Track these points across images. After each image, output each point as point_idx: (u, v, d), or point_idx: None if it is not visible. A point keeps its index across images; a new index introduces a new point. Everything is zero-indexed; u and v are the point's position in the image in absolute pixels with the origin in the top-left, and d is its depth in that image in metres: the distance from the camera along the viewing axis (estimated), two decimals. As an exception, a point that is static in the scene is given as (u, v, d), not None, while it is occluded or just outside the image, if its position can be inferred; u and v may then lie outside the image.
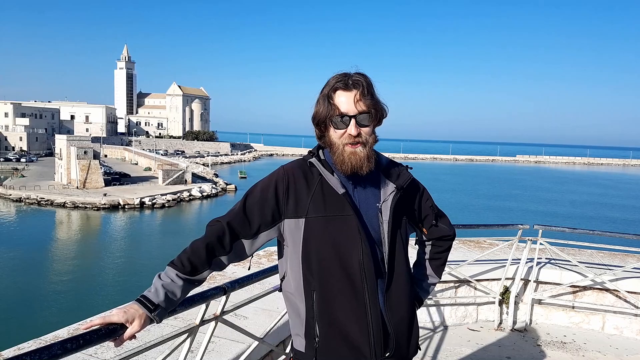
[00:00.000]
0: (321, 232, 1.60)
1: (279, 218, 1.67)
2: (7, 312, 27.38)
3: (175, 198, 67.13)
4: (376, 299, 1.61)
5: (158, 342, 1.97)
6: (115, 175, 75.69)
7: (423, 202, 1.86)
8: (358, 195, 1.68)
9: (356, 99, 1.60)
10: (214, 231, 1.67)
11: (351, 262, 1.59)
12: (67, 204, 60.97)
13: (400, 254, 1.70)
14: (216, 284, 2.20)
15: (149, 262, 38.43)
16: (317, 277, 1.61)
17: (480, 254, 5.00)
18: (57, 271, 36.16)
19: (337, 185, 1.63)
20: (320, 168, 1.66)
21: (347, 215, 1.60)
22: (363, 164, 1.62)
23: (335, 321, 1.61)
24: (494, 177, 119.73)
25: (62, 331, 3.32)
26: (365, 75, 1.66)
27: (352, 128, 1.61)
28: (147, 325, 1.58)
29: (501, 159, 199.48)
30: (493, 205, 70.11)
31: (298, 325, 1.69)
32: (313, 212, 1.62)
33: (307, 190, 1.64)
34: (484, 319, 4.97)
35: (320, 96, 1.67)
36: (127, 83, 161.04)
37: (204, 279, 1.70)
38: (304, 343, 1.67)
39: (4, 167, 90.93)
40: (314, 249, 1.61)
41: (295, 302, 1.69)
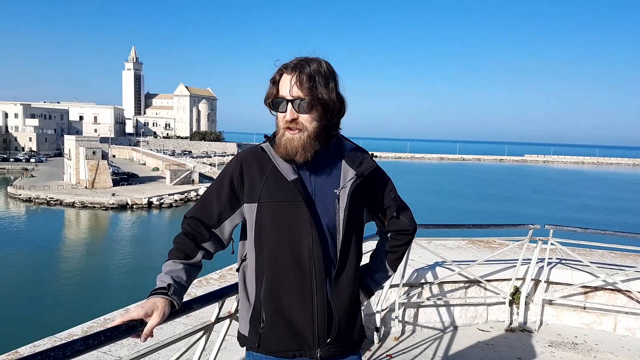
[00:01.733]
0: (272, 217, 1.59)
1: (236, 204, 1.67)
2: (20, 310, 27.65)
3: (183, 198, 67.44)
4: (324, 286, 1.59)
5: (173, 339, 1.98)
6: (124, 176, 76.16)
7: (386, 193, 1.80)
8: (314, 181, 1.64)
9: (297, 83, 1.54)
10: (185, 226, 1.72)
11: (301, 249, 1.57)
12: (75, 203, 61.44)
13: (354, 243, 1.67)
14: (230, 283, 2.22)
15: (157, 262, 38.36)
16: (267, 263, 1.61)
17: (491, 254, 4.99)
18: (66, 270, 36.45)
19: (287, 171, 1.60)
20: (270, 153, 1.64)
21: (298, 202, 1.57)
22: (297, 152, 1.56)
23: (282, 308, 1.60)
24: (502, 176, 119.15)
25: (77, 329, 3.36)
26: (318, 62, 1.59)
27: (288, 112, 1.56)
28: (167, 314, 1.59)
29: (509, 158, 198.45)
30: (502, 205, 69.73)
31: (245, 309, 1.70)
32: (265, 197, 1.60)
33: (260, 175, 1.63)
34: (494, 320, 4.96)
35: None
36: (135, 84, 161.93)
37: (200, 262, 1.71)
38: (248, 327, 1.68)
39: (13, 167, 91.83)
40: (265, 234, 1.60)
41: (246, 284, 1.70)
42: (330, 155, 1.68)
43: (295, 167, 1.61)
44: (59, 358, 1.29)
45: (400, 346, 4.23)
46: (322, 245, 1.58)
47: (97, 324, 3.44)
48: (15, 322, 25.47)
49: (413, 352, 4.16)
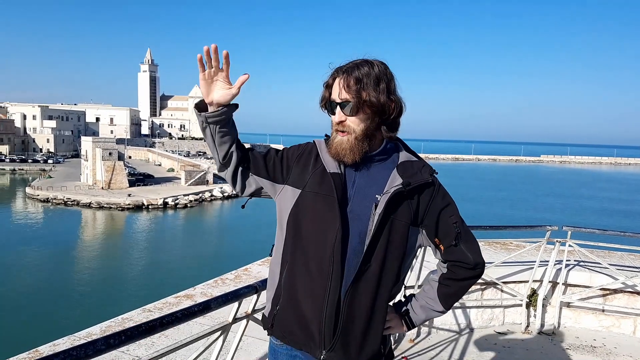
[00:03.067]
0: (307, 207, 1.60)
1: (281, 180, 1.68)
2: (39, 309, 28.09)
3: (197, 198, 67.96)
4: (338, 286, 1.56)
5: (191, 340, 2.00)
6: (140, 176, 76.98)
7: (444, 215, 1.64)
8: (358, 182, 1.62)
9: (344, 86, 1.56)
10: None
11: (325, 245, 1.56)
12: (92, 204, 62.26)
13: (386, 255, 1.57)
14: (247, 284, 2.23)
15: (173, 262, 39.01)
16: (291, 249, 1.62)
17: (507, 256, 4.94)
18: (84, 270, 36.94)
19: (330, 164, 1.62)
20: (318, 147, 1.68)
21: (330, 196, 1.57)
22: (345, 154, 1.58)
23: (295, 297, 1.61)
24: (518, 177, 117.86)
25: (95, 328, 3.41)
26: (370, 64, 1.58)
27: (336, 115, 1.59)
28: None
29: (525, 159, 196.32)
30: (519, 206, 68.99)
31: (270, 292, 1.72)
32: (310, 186, 1.62)
33: (313, 165, 1.65)
34: (511, 322, 4.91)
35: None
36: (151, 86, 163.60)
37: (230, 148, 1.69)
38: (269, 308, 1.71)
39: (32, 168, 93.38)
40: (298, 222, 1.61)
41: (274, 267, 1.71)
42: (383, 160, 1.66)
43: (340, 165, 1.62)
44: (81, 357, 1.31)
45: (415, 348, 4.21)
46: (347, 246, 1.56)
47: (115, 323, 3.48)
48: (35, 321, 25.92)
49: (429, 354, 4.13)
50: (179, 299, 4.01)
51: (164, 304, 3.87)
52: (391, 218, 1.57)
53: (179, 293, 4.15)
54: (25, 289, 31.54)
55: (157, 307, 3.80)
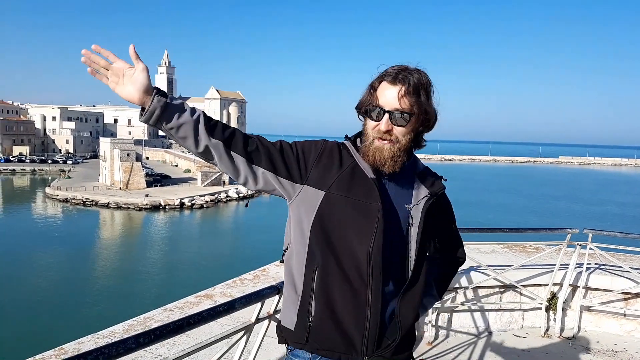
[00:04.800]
0: (338, 210, 1.52)
1: (299, 180, 1.57)
2: (61, 307, 28.56)
3: (213, 199, 68.51)
4: (379, 296, 1.52)
5: (215, 339, 2.03)
6: (157, 177, 77.87)
7: (447, 222, 1.80)
8: (389, 190, 1.60)
9: (399, 95, 1.49)
10: (241, 132, 1.59)
11: (360, 252, 1.50)
12: (110, 204, 63.16)
13: (425, 262, 1.63)
14: (266, 284, 2.26)
15: (190, 261, 39.37)
16: (323, 254, 1.53)
17: (527, 259, 4.90)
18: (102, 269, 37.49)
19: (368, 170, 1.56)
20: (352, 151, 1.61)
21: (371, 203, 1.52)
22: (386, 162, 1.52)
23: (333, 305, 1.53)
24: (537, 179, 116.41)
25: (118, 327, 3.47)
26: (421, 73, 1.54)
27: (383, 123, 1.51)
28: (137, 87, 1.46)
29: (543, 160, 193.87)
30: (536, 209, 68.13)
31: (293, 300, 1.61)
32: (336, 188, 1.54)
33: (339, 167, 1.57)
34: (530, 325, 4.86)
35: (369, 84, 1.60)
36: (168, 87, 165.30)
37: (205, 141, 1.51)
38: (294, 321, 1.60)
39: (51, 169, 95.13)
40: (327, 224, 1.52)
41: (294, 275, 1.61)
42: (406, 169, 1.62)
43: (373, 171, 1.57)
44: (113, 355, 1.35)
45: (433, 351, 4.20)
46: (384, 254, 1.52)
47: (137, 322, 3.54)
48: (57, 319, 26.36)
49: (447, 357, 4.12)
50: (199, 299, 4.06)
51: (185, 304, 3.92)
52: (428, 226, 1.61)
53: (198, 293, 4.20)
54: (46, 288, 32.11)
55: (178, 306, 3.86)
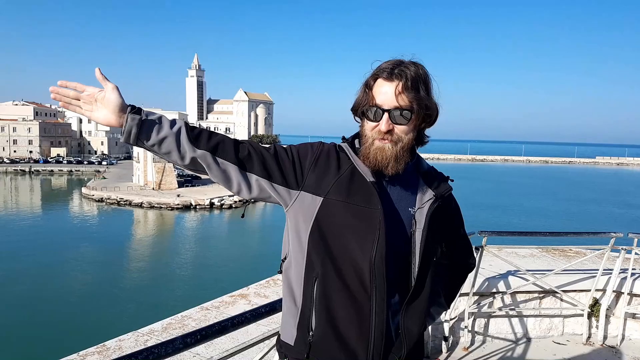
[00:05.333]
0: (337, 217, 1.43)
1: (295, 186, 1.48)
2: (98, 304, 29.32)
3: (242, 199, 69.20)
4: (383, 308, 1.42)
5: (255, 341, 2.03)
6: (188, 177, 79.28)
7: (456, 224, 1.68)
8: (391, 193, 1.50)
9: (396, 92, 1.39)
10: (231, 138, 1.52)
11: (362, 260, 1.41)
12: (143, 204, 64.62)
13: (431, 269, 1.51)
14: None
15: (222, 261, 39.90)
16: (322, 264, 1.43)
17: (567, 264, 4.75)
18: (137, 267, 38.34)
19: (367, 173, 1.46)
20: (350, 153, 1.51)
21: (372, 209, 1.42)
22: (389, 163, 1.43)
23: (334, 317, 1.44)
24: (573, 180, 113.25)
25: (156, 325, 3.54)
26: (418, 66, 1.43)
27: (383, 123, 1.41)
28: (109, 111, 1.41)
29: (579, 160, 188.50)
30: (574, 211, 66.23)
31: (292, 314, 1.52)
32: (334, 194, 1.44)
33: (336, 171, 1.48)
34: (571, 332, 4.71)
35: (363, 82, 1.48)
36: (198, 90, 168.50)
37: (190, 153, 1.44)
38: (294, 335, 1.51)
39: (87, 170, 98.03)
40: (325, 233, 1.43)
41: (293, 287, 1.52)
42: (409, 170, 1.53)
43: (373, 173, 1.47)
44: (162, 355, 1.37)
45: (469, 357, 4.12)
46: (387, 262, 1.42)
47: (175, 320, 3.60)
48: (97, 316, 27.07)
49: (484, 363, 4.03)
50: (234, 298, 4.10)
51: (220, 303, 3.97)
52: (433, 231, 1.50)
53: (233, 292, 4.24)
54: (85, 284, 33.03)
55: (214, 305, 3.91)
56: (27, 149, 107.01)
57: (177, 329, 3.44)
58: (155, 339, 3.29)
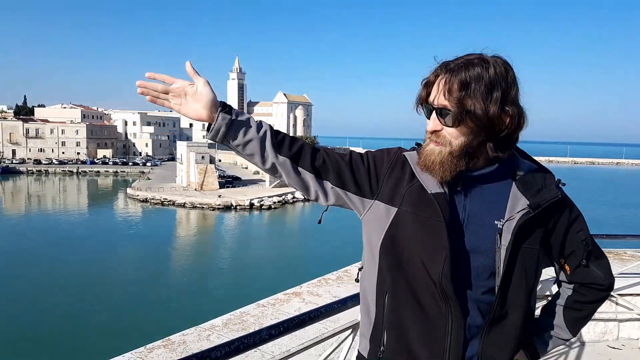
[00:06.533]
0: (408, 230, 1.34)
1: (369, 195, 1.42)
2: (153, 300, 30.30)
3: (281, 200, 70.07)
4: (460, 331, 1.30)
5: (322, 338, 2.13)
6: (229, 178, 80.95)
7: (572, 232, 1.41)
8: (470, 206, 1.34)
9: (446, 89, 1.27)
10: (309, 145, 1.49)
11: (432, 276, 1.30)
12: (186, 204, 66.40)
13: (518, 291, 1.33)
14: (349, 284, 2.33)
15: (262, 259, 40.50)
16: (392, 276, 1.36)
17: (623, 267, 4.65)
18: (184, 265, 39.42)
19: (431, 183, 1.35)
20: (412, 163, 1.40)
21: (437, 221, 1.30)
22: (434, 168, 1.31)
23: (406, 337, 1.35)
24: (622, 182, 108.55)
25: (217, 320, 3.70)
26: (486, 63, 1.27)
27: (430, 122, 1.32)
28: (201, 106, 1.39)
29: (627, 162, 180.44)
30: (623, 214, 63.51)
31: (366, 325, 1.47)
32: (406, 205, 1.35)
33: (408, 181, 1.39)
34: (626, 337, 4.60)
35: None
36: (239, 93, 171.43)
37: (272, 158, 1.41)
38: (368, 348, 1.45)
39: (132, 171, 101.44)
40: (397, 245, 1.35)
41: (367, 298, 1.45)
42: (496, 176, 1.36)
43: (443, 183, 1.35)
44: (251, 344, 1.49)
45: None
46: (466, 281, 1.31)
47: (234, 316, 3.76)
48: (161, 311, 27.99)
49: (537, 365, 4.00)
50: (288, 296, 4.23)
51: (275, 300, 4.11)
52: (521, 247, 1.32)
53: (287, 290, 4.38)
54: (131, 283, 34.18)
55: (270, 302, 4.05)
56: (74, 151, 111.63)
57: (237, 324, 3.60)
58: (217, 334, 3.46)
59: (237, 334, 3.40)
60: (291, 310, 3.84)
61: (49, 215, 59.40)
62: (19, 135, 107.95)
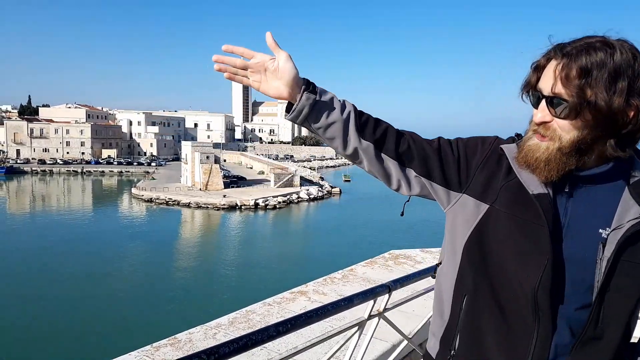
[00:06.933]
0: (500, 230, 1.22)
1: (457, 187, 1.30)
2: (158, 299, 30.38)
3: (285, 200, 70.06)
4: (546, 348, 1.18)
5: (328, 336, 2.13)
6: (233, 179, 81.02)
7: None
8: (572, 209, 1.19)
9: (558, 77, 1.11)
10: (394, 128, 1.37)
11: (523, 285, 1.17)
12: (191, 204, 66.48)
13: (617, 310, 1.17)
14: (355, 283, 2.33)
15: (267, 259, 40.56)
16: (474, 279, 1.25)
17: None
18: (190, 265, 39.42)
19: (532, 182, 1.20)
20: (510, 157, 1.26)
21: (538, 225, 1.16)
22: (538, 166, 1.17)
23: (481, 345, 1.25)
24: None
25: (223, 319, 3.71)
26: (612, 48, 1.10)
27: (538, 112, 1.17)
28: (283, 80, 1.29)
29: None
30: None
31: (438, 325, 1.38)
32: (500, 202, 1.22)
33: (504, 176, 1.25)
34: None
35: None
36: (243, 93, 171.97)
37: (354, 142, 1.32)
38: (437, 348, 1.37)
39: (136, 171, 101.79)
40: (484, 245, 1.24)
41: (443, 297, 1.36)
42: (607, 177, 1.20)
43: (545, 182, 1.20)
44: (258, 341, 1.48)
45: None
46: (557, 294, 1.17)
47: (240, 314, 3.76)
48: (167, 310, 28.09)
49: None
50: (294, 295, 4.23)
51: (282, 299, 4.11)
52: (626, 261, 1.16)
53: (293, 289, 4.38)
54: (135, 283, 34.28)
55: (276, 301, 4.05)
56: (79, 151, 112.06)
57: (243, 323, 3.60)
58: (223, 332, 3.46)
59: (243, 333, 3.40)
60: (297, 308, 3.85)
61: (53, 215, 59.70)
62: (23, 135, 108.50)
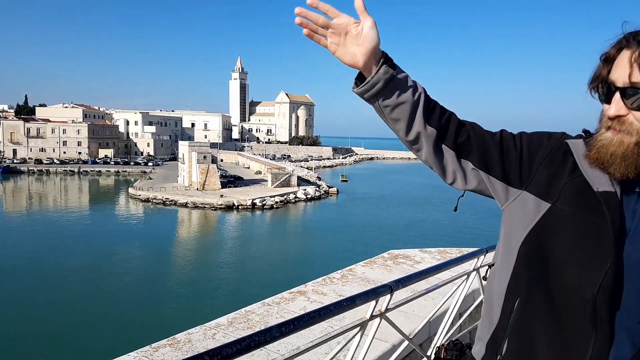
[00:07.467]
0: (561, 231, 1.14)
1: (517, 183, 1.23)
2: (155, 300, 30.34)
3: (283, 200, 70.04)
4: (605, 354, 1.10)
5: (331, 336, 2.11)
6: (231, 178, 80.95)
7: None
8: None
9: (635, 64, 1.05)
10: (456, 117, 1.31)
11: (584, 291, 1.09)
12: (188, 204, 66.39)
13: None
14: (354, 283, 2.32)
15: (265, 259, 40.53)
16: (529, 282, 1.19)
17: None
18: (188, 264, 39.37)
19: (598, 179, 1.14)
20: (576, 154, 1.19)
21: (601, 225, 1.09)
22: (613, 162, 1.09)
23: (531, 353, 1.18)
24: None
25: (222, 319, 3.68)
26: None
27: (612, 105, 1.09)
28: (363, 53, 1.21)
29: None
30: None
31: (485, 329, 1.32)
32: (563, 201, 1.16)
33: (570, 172, 1.18)
34: None
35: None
36: (241, 93, 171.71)
37: (419, 127, 1.25)
38: (482, 352, 1.32)
39: (133, 170, 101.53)
40: (543, 247, 1.16)
41: (493, 299, 1.29)
42: None
43: (614, 180, 1.13)
44: (261, 342, 1.46)
45: None
46: (618, 302, 1.09)
47: (240, 315, 3.74)
48: (166, 310, 28.05)
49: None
50: (293, 295, 4.21)
51: (281, 299, 4.09)
52: None
53: (292, 289, 4.36)
54: (132, 282, 34.21)
55: (275, 301, 4.03)
56: (76, 150, 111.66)
57: (242, 323, 3.58)
58: (223, 332, 3.44)
59: (243, 333, 3.39)
60: (296, 308, 3.83)
61: (50, 215, 59.48)
62: (20, 134, 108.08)
